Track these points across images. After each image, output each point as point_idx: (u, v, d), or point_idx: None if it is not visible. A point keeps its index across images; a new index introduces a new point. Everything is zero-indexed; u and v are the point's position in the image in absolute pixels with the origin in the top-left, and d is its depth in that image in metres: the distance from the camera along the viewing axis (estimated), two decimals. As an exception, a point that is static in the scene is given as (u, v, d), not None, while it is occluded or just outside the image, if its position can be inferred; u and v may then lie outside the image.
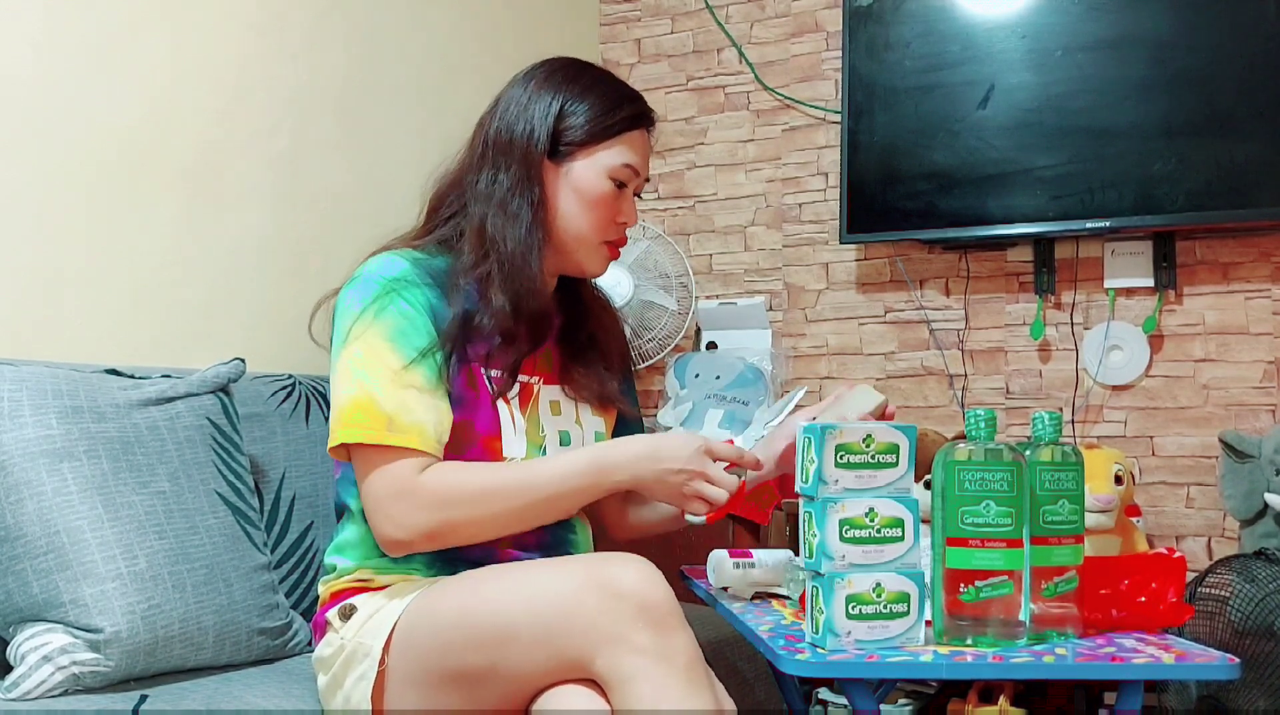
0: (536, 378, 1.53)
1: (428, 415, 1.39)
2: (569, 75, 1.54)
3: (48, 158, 1.82)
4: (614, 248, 1.56)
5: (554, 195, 1.51)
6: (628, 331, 1.77)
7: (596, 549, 1.59)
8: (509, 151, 1.50)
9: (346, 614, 1.42)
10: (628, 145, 1.52)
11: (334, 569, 1.51)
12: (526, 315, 1.47)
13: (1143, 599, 1.37)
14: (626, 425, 1.66)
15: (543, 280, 1.50)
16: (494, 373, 1.47)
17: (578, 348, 1.59)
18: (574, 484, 1.41)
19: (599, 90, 1.53)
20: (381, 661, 1.33)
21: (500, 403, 1.47)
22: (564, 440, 1.53)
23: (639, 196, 1.59)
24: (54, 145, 1.83)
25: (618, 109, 1.52)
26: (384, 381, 1.38)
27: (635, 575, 1.23)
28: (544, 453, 1.50)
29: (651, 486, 1.42)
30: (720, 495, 1.40)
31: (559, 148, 1.50)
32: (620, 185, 1.52)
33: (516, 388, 1.49)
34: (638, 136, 1.54)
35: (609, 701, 1.21)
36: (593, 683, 1.23)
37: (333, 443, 1.41)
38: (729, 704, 1.30)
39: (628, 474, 1.41)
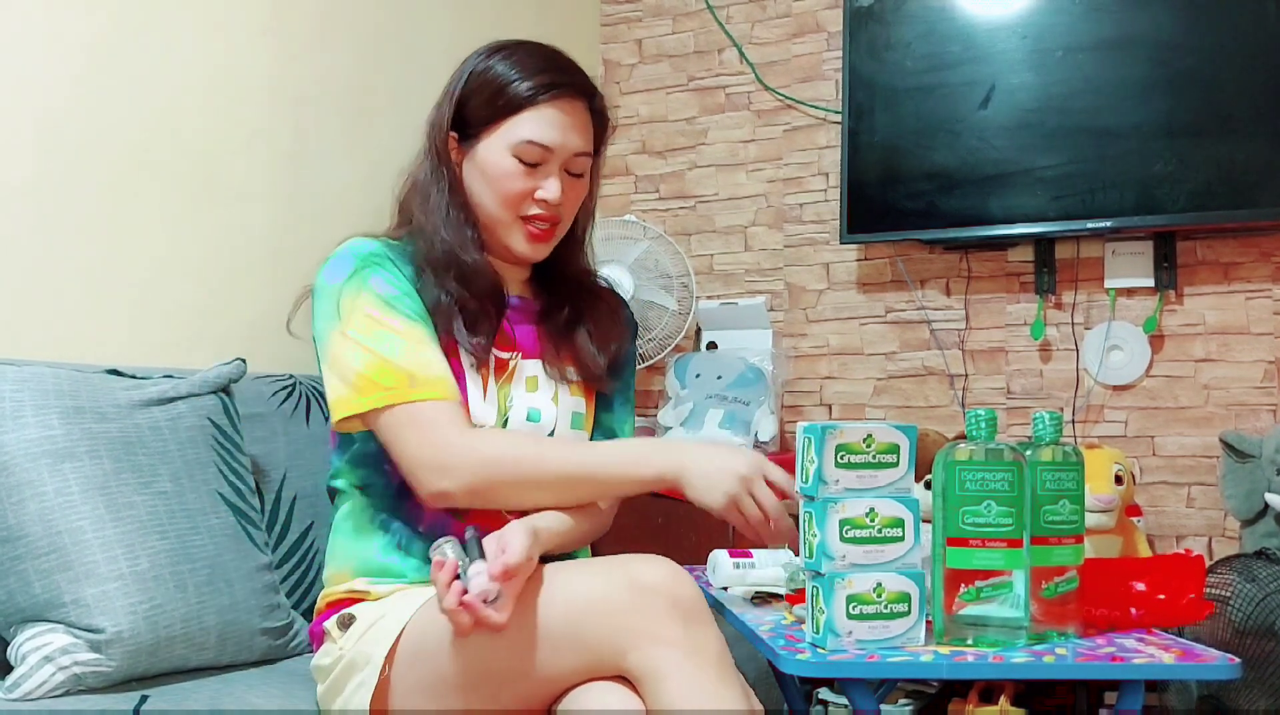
0: (515, 353, 1.52)
1: (444, 368, 1.42)
2: (485, 53, 1.51)
3: (48, 157, 1.82)
4: (537, 226, 1.49)
5: (466, 178, 1.50)
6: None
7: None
8: (429, 139, 1.52)
9: (345, 623, 1.41)
10: (534, 119, 1.46)
11: (328, 580, 1.51)
12: (476, 294, 1.47)
13: (1162, 596, 1.38)
14: (608, 404, 1.62)
15: (485, 261, 1.50)
16: (474, 341, 1.47)
17: (558, 327, 1.57)
18: (615, 468, 1.41)
19: (506, 65, 1.48)
20: (383, 670, 1.33)
21: (473, 373, 1.47)
22: (531, 417, 1.51)
23: (573, 174, 1.51)
24: (54, 145, 1.82)
25: (523, 81, 1.46)
26: (393, 343, 1.40)
27: (664, 572, 1.24)
28: (506, 424, 1.49)
29: (699, 481, 1.38)
30: (758, 516, 1.38)
31: (467, 129, 1.49)
32: (528, 162, 1.47)
33: (491, 362, 1.49)
34: (549, 109, 1.46)
35: (641, 697, 1.21)
36: (622, 679, 1.22)
37: (347, 413, 1.40)
38: (758, 704, 1.29)
39: (676, 459, 1.39)
